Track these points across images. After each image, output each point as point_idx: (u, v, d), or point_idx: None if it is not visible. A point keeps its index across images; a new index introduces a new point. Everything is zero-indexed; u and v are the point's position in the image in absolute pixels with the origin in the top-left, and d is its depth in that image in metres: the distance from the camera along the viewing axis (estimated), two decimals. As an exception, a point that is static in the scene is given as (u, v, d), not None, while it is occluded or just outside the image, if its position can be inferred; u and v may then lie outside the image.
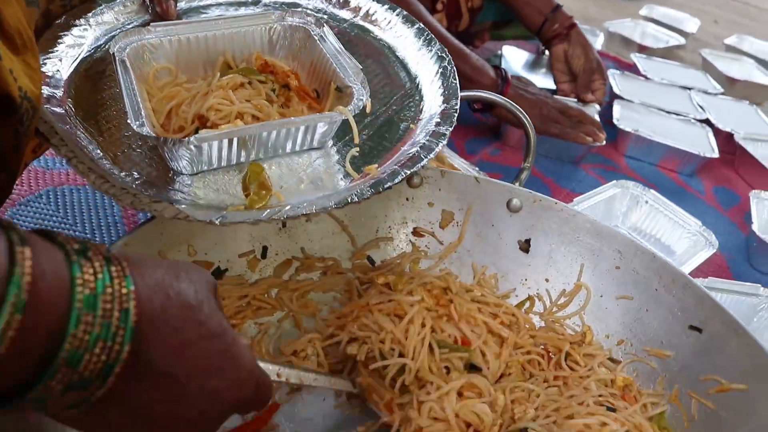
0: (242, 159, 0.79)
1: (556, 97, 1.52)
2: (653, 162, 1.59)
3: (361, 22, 1.05)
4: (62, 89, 0.81)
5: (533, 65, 1.96)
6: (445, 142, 0.82)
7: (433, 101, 0.90)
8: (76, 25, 0.91)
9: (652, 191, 1.31)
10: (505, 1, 1.69)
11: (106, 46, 0.88)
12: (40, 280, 0.37)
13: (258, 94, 0.82)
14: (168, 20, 0.94)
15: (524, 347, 0.83)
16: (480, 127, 1.57)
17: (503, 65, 1.87)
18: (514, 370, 0.81)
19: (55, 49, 0.86)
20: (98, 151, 0.74)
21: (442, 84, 0.91)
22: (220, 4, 1.07)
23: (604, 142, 1.48)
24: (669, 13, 2.59)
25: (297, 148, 0.82)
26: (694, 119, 1.70)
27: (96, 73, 0.87)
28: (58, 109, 0.76)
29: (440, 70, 0.93)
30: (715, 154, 1.54)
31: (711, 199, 1.53)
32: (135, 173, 0.73)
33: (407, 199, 0.91)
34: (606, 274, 0.87)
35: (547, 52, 1.94)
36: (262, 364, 0.59)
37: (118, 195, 0.67)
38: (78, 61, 0.87)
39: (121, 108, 0.76)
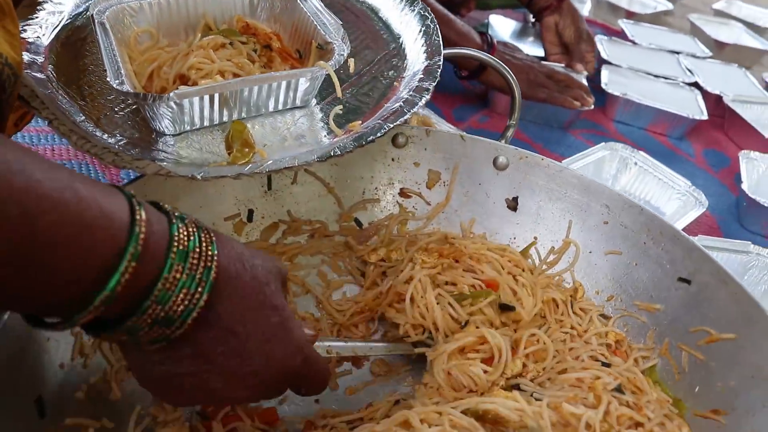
0: (225, 118, 0.78)
1: (543, 62, 1.51)
2: (642, 126, 1.58)
3: None
4: (43, 55, 0.80)
5: (520, 34, 1.94)
6: (428, 97, 0.81)
7: (416, 59, 0.89)
8: None
9: (641, 153, 1.30)
10: None
11: (87, 13, 0.87)
12: (150, 236, 0.46)
13: (239, 53, 0.81)
14: None
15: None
16: (467, 94, 1.56)
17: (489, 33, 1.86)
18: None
19: (35, 16, 0.85)
20: (80, 115, 0.73)
21: (425, 42, 0.90)
22: None
23: (593, 107, 1.47)
24: (657, -21, 2.57)
25: (280, 106, 0.81)
26: (683, 83, 1.69)
27: (77, 40, 0.86)
28: (39, 75, 0.75)
29: (423, 29, 0.92)
30: (704, 116, 1.54)
31: (701, 162, 1.52)
32: (118, 135, 0.72)
33: (393, 160, 0.90)
34: (594, 229, 0.86)
35: (534, 21, 1.93)
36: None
37: (100, 154, 0.66)
38: (59, 28, 0.86)
39: (103, 74, 0.75)
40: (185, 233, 0.49)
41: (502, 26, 1.94)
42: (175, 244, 0.48)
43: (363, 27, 0.98)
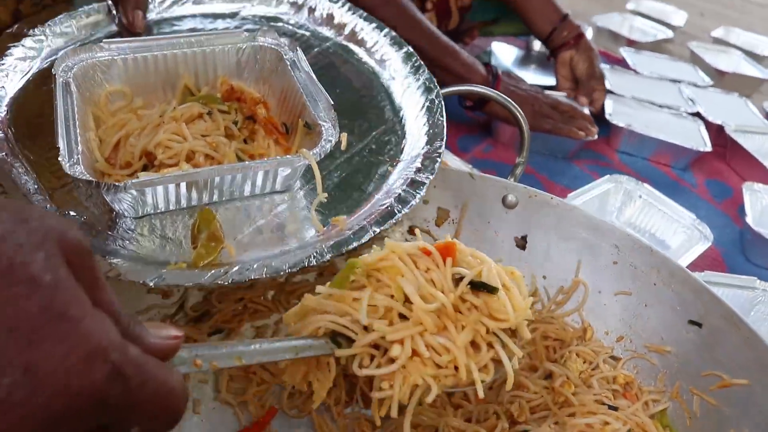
0: (194, 202, 0.71)
1: (546, 92, 1.52)
2: (646, 156, 1.59)
3: (344, 42, 0.98)
4: (5, 109, 0.74)
5: (522, 61, 1.96)
6: (423, 193, 0.75)
7: (416, 140, 0.83)
8: (30, 35, 0.83)
9: (646, 185, 1.31)
10: (513, 10, 1.68)
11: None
12: None
13: (216, 128, 0.76)
14: (134, 32, 0.87)
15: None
16: (471, 123, 1.57)
17: (493, 62, 1.87)
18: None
19: (3, 62, 0.78)
20: (34, 185, 0.67)
21: (428, 121, 0.85)
22: (195, 16, 1.00)
23: (597, 137, 1.47)
24: (656, 6, 2.59)
25: (257, 191, 0.74)
26: (686, 112, 1.70)
27: (47, 91, 0.76)
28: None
29: (427, 104, 0.87)
30: (708, 148, 1.54)
31: (704, 192, 1.53)
32: (72, 213, 0.66)
33: (402, 198, 0.89)
34: (604, 269, 0.86)
35: (536, 48, 1.95)
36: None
37: None
38: (28, 76, 0.79)
39: None
40: None
41: (505, 53, 1.95)
42: None
43: (362, 91, 0.91)
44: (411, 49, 0.94)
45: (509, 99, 0.95)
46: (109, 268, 0.59)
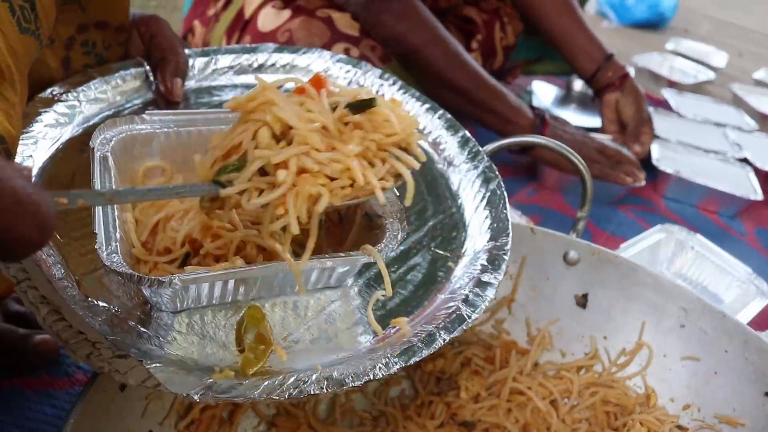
0: (239, 297, 0.64)
1: (592, 134, 1.48)
2: (693, 203, 1.54)
3: None
4: (33, 178, 0.66)
5: (563, 101, 1.94)
6: (492, 296, 0.66)
7: (477, 234, 0.75)
8: (62, 101, 0.76)
9: (698, 236, 1.26)
10: (557, 48, 1.65)
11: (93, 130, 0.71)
12: None
13: None
14: (172, 101, 0.82)
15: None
16: (515, 166, 1.53)
17: (533, 101, 1.85)
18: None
19: (32, 128, 0.71)
20: (61, 270, 0.60)
21: (490, 214, 0.76)
22: (235, 86, 0.93)
23: (644, 182, 1.44)
24: (695, 46, 2.56)
25: (309, 287, 0.66)
26: (733, 158, 1.66)
27: (78, 161, 0.71)
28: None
29: (488, 195, 0.78)
30: (759, 197, 1.50)
31: (753, 242, 1.48)
32: (101, 303, 0.58)
33: (459, 252, 0.86)
34: (670, 332, 0.82)
35: (576, 87, 1.92)
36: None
37: (71, 342, 0.52)
38: (58, 144, 0.72)
39: None
40: None
41: (545, 92, 1.93)
42: None
43: (416, 176, 0.76)
44: (468, 134, 0.85)
45: (568, 148, 0.91)
46: (146, 376, 0.52)
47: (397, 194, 0.69)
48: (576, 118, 1.76)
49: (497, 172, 0.80)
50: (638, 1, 2.98)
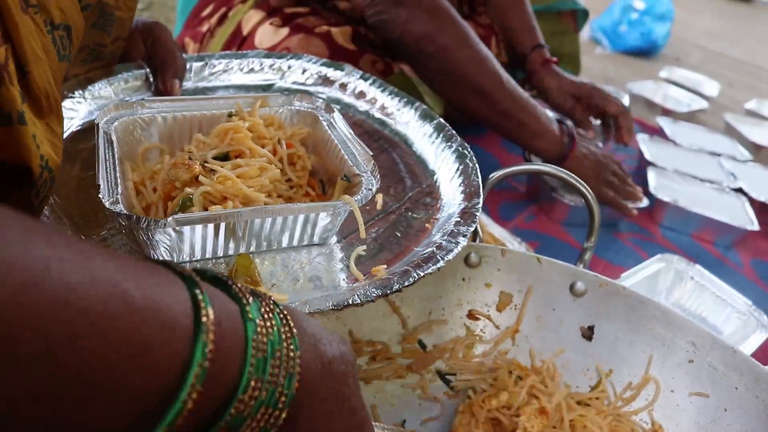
0: (230, 251, 0.69)
1: (609, 153, 1.46)
2: (689, 232, 1.53)
3: (377, 114, 1.00)
4: None
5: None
6: (464, 243, 0.73)
7: (452, 199, 0.82)
8: (69, 97, 0.85)
9: (697, 266, 1.25)
10: (504, 40, 1.65)
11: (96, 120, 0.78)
12: (220, 345, 0.35)
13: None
14: None
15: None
16: (512, 191, 1.52)
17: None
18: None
19: None
20: (69, 234, 0.64)
21: (463, 182, 0.83)
22: (228, 87, 1.03)
23: (645, 203, 1.42)
24: (688, 75, 2.58)
25: (295, 243, 0.72)
26: (728, 188, 1.65)
27: (82, 150, 0.80)
28: None
29: (461, 167, 0.85)
30: (756, 227, 1.49)
31: (750, 273, 1.47)
32: None
33: (463, 280, 0.84)
34: (678, 367, 0.80)
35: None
36: None
37: None
38: (66, 134, 0.80)
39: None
40: (263, 330, 0.38)
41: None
42: (253, 352, 0.37)
43: (395, 157, 0.92)
44: (442, 120, 0.93)
45: (581, 181, 0.89)
46: None
47: (371, 153, 0.77)
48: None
49: (469, 150, 0.88)
50: (631, 28, 3.00)
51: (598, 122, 1.57)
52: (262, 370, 0.37)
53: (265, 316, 0.39)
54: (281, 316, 0.40)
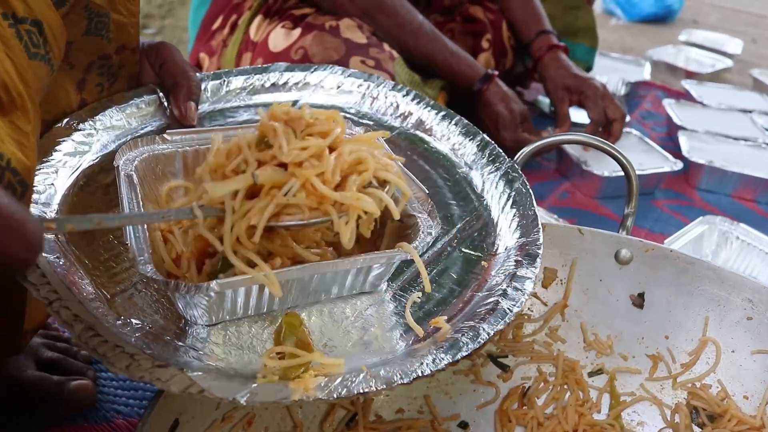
0: (274, 306, 0.62)
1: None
2: (728, 192, 1.50)
3: (412, 131, 0.89)
4: (55, 207, 0.66)
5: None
6: (530, 290, 0.65)
7: (507, 233, 0.73)
8: (79, 129, 0.77)
9: (742, 225, 1.22)
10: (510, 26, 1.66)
11: (115, 155, 0.71)
12: None
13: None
14: (187, 125, 0.81)
15: None
16: (542, 169, 1.50)
17: (550, 103, 1.81)
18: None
19: (51, 157, 0.71)
20: (92, 292, 0.59)
21: (518, 212, 0.75)
22: (249, 106, 0.92)
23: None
24: (708, 36, 2.53)
25: (345, 293, 0.65)
26: (764, 143, 1.61)
27: (99, 188, 0.71)
28: (47, 235, 0.60)
29: (512, 194, 0.77)
30: (797, 179, 1.45)
31: (796, 227, 1.43)
32: (134, 321, 0.57)
33: (505, 259, 0.82)
34: (736, 326, 0.77)
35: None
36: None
37: (109, 356, 0.51)
38: (78, 172, 0.72)
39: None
40: None
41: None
42: None
43: (439, 180, 0.81)
44: (486, 137, 0.84)
45: (614, 147, 0.86)
46: (187, 384, 0.50)
47: (426, 191, 0.68)
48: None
49: (520, 172, 0.79)
50: (644, -4, 2.95)
51: None
52: None
53: None
54: None
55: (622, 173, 0.88)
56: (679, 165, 1.42)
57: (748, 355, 0.77)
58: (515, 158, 0.84)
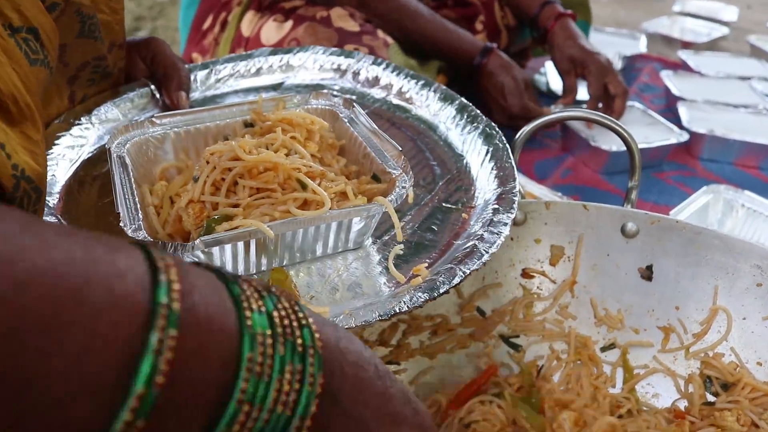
0: (263, 267, 0.66)
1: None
2: (731, 161, 1.49)
3: (395, 101, 0.95)
4: (57, 196, 0.72)
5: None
6: (507, 232, 0.68)
7: (486, 185, 0.78)
8: (77, 124, 0.83)
9: (747, 192, 1.22)
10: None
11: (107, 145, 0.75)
12: (193, 292, 0.30)
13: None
14: None
15: None
16: (545, 148, 1.50)
17: (547, 81, 1.81)
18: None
19: (51, 151, 0.78)
20: None
21: (495, 165, 0.79)
22: (237, 92, 0.99)
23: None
24: (703, 5, 2.52)
25: (329, 250, 0.69)
26: (765, 109, 1.60)
27: (97, 176, 0.77)
28: (50, 219, 0.67)
29: (490, 149, 0.81)
30: (799, 144, 1.44)
31: (801, 193, 1.42)
32: None
33: (512, 239, 0.82)
34: (746, 293, 0.77)
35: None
36: None
37: None
38: (78, 163, 0.78)
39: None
40: (250, 291, 0.34)
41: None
42: (245, 304, 0.32)
43: (420, 144, 0.87)
44: (464, 101, 0.90)
45: (617, 121, 0.86)
46: None
47: (399, 149, 0.72)
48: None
49: (497, 129, 0.83)
50: (636, -32, 2.93)
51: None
52: (266, 324, 0.32)
53: (246, 284, 0.34)
54: (267, 287, 0.36)
55: (628, 148, 0.87)
56: (685, 136, 1.42)
57: (759, 321, 0.76)
58: (516, 136, 0.84)
